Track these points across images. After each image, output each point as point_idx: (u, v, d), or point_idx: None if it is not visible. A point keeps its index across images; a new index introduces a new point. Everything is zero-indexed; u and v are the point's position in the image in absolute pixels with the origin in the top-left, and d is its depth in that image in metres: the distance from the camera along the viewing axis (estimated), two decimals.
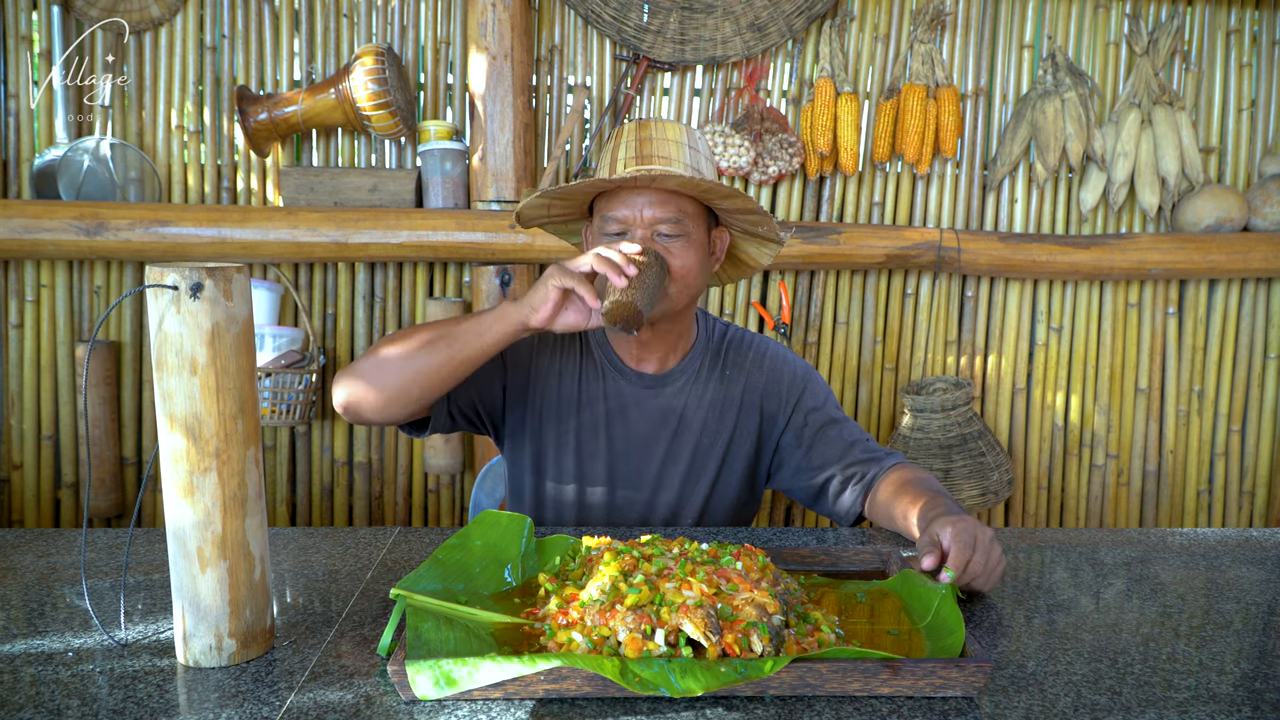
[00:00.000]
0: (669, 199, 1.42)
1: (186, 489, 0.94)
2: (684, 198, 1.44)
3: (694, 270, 1.45)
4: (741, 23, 2.62)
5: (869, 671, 0.90)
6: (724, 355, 1.60)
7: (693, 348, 1.59)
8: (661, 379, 1.57)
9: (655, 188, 1.42)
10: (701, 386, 1.57)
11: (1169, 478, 2.89)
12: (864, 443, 1.54)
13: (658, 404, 1.56)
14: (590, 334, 1.59)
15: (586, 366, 1.58)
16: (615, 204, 1.44)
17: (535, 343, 1.57)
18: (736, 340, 1.63)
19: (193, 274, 0.92)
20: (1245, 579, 1.27)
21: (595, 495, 1.57)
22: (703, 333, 1.61)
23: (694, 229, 1.45)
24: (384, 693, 0.91)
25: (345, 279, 2.67)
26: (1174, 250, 2.65)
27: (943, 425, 2.63)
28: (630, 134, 1.47)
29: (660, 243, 1.43)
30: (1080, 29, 2.76)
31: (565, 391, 1.56)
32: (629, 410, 1.56)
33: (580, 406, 1.56)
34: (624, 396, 1.56)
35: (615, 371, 1.57)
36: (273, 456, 2.69)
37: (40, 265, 2.57)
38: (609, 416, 1.56)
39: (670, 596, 0.95)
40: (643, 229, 1.42)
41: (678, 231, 1.43)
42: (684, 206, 1.43)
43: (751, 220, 1.48)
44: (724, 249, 1.55)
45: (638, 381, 1.57)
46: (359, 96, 2.42)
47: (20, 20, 2.52)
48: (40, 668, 0.96)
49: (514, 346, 1.55)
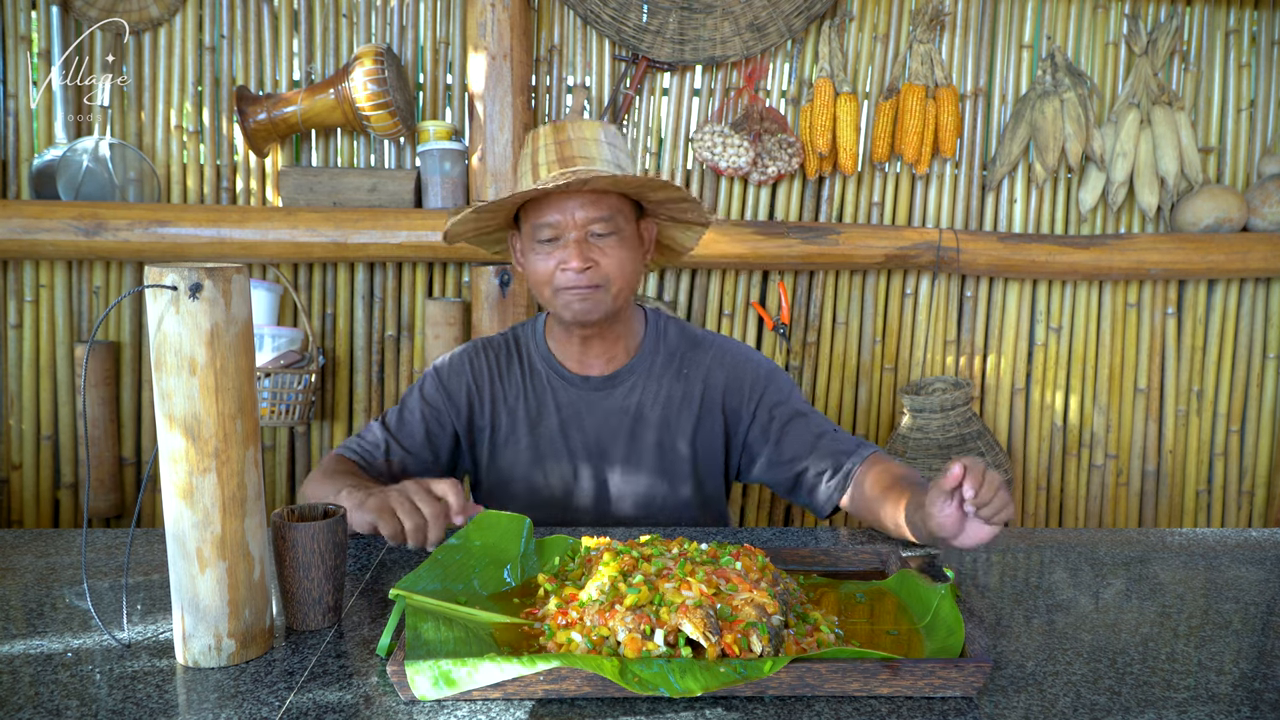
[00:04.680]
0: (599, 199, 1.42)
1: (186, 489, 0.94)
2: (613, 195, 1.44)
3: (628, 265, 1.46)
4: (741, 23, 2.62)
5: (868, 672, 0.90)
6: (680, 354, 1.60)
7: (641, 345, 1.59)
8: (610, 379, 1.57)
9: (587, 190, 1.41)
10: (656, 384, 1.57)
11: (1168, 478, 2.89)
12: (832, 434, 1.53)
13: (610, 405, 1.57)
14: (533, 352, 1.61)
15: (534, 384, 1.59)
16: (545, 210, 1.43)
17: (470, 380, 1.59)
18: (693, 339, 1.62)
19: (192, 274, 0.92)
20: (1244, 579, 1.27)
21: (564, 505, 1.58)
22: (652, 330, 1.61)
23: (625, 225, 1.46)
24: (383, 693, 0.91)
25: (344, 279, 2.67)
26: (1173, 250, 2.65)
27: (942, 425, 2.63)
28: (548, 138, 1.46)
29: (594, 243, 1.44)
30: (1079, 29, 2.77)
31: (517, 413, 1.58)
32: (582, 416, 1.57)
33: (534, 423, 1.58)
34: (575, 404, 1.57)
35: (561, 380, 1.57)
36: (272, 457, 2.69)
37: (39, 265, 2.57)
38: (564, 426, 1.57)
39: (670, 596, 0.95)
40: (576, 231, 1.42)
41: (610, 230, 1.43)
42: (614, 204, 1.44)
43: (681, 208, 1.50)
44: (653, 239, 1.56)
45: (585, 385, 1.57)
46: (358, 97, 2.42)
47: (19, 20, 2.52)
48: (39, 668, 0.96)
49: (450, 394, 1.59)
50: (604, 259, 1.44)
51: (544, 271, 1.46)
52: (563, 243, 1.44)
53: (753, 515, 2.87)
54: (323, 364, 2.58)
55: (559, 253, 1.44)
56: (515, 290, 2.53)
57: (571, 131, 1.45)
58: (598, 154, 1.44)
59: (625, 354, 1.58)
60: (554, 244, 1.44)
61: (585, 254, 1.42)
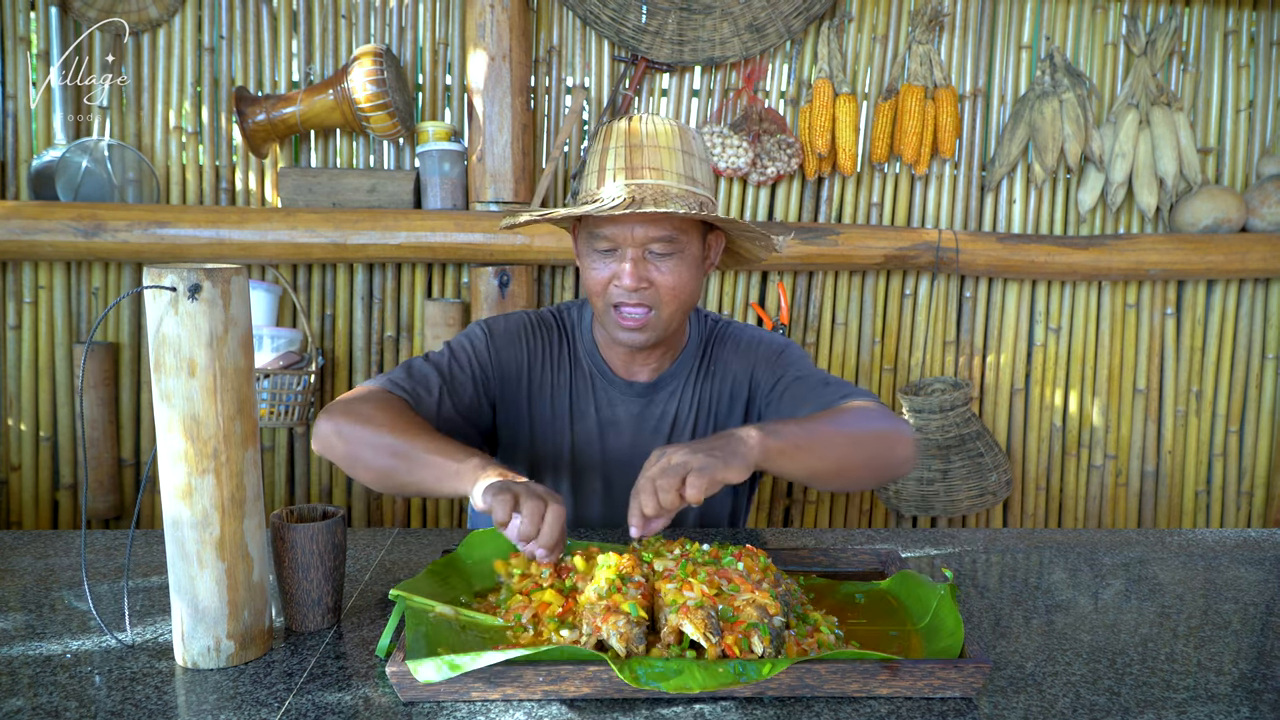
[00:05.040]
0: (662, 216, 1.34)
1: (185, 490, 0.94)
2: None
3: (686, 286, 1.40)
4: (740, 23, 2.62)
5: (868, 672, 0.90)
6: (709, 353, 1.57)
7: (683, 352, 1.56)
8: (652, 386, 1.54)
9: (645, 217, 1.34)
10: (691, 390, 1.55)
11: (1167, 478, 2.89)
12: (837, 384, 1.44)
13: (650, 413, 1.54)
14: (579, 343, 1.56)
15: (577, 378, 1.54)
16: (605, 222, 1.36)
17: (525, 356, 1.52)
18: (720, 335, 1.59)
19: (191, 275, 0.92)
20: (1243, 579, 1.27)
21: (592, 508, 1.56)
22: (695, 335, 1.57)
23: (688, 243, 1.38)
24: (383, 694, 0.91)
25: (343, 280, 2.67)
26: (1172, 251, 2.65)
27: (941, 426, 2.63)
28: (619, 139, 1.37)
29: (652, 261, 1.37)
30: (1078, 30, 2.77)
31: (559, 405, 1.54)
32: (621, 421, 1.54)
33: (574, 419, 1.54)
34: (615, 407, 1.54)
35: (606, 382, 1.54)
36: (271, 458, 2.69)
37: (38, 266, 2.57)
38: (602, 428, 1.54)
39: (671, 597, 0.95)
40: (633, 248, 1.36)
41: (670, 250, 1.36)
42: (677, 222, 1.36)
43: (748, 236, 1.44)
44: (719, 252, 1.50)
45: (628, 391, 1.53)
46: (357, 97, 2.42)
47: (19, 21, 2.52)
48: (39, 669, 0.96)
49: (502, 362, 1.50)
50: (661, 278, 1.37)
51: (597, 281, 1.40)
52: (619, 255, 1.36)
53: (753, 515, 2.86)
54: (322, 365, 2.58)
55: (614, 265, 1.37)
56: (514, 291, 2.53)
57: (645, 136, 1.35)
58: (670, 165, 1.35)
59: (670, 361, 1.54)
60: (611, 255, 1.38)
61: (641, 273, 1.36)
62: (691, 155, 1.38)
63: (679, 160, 1.36)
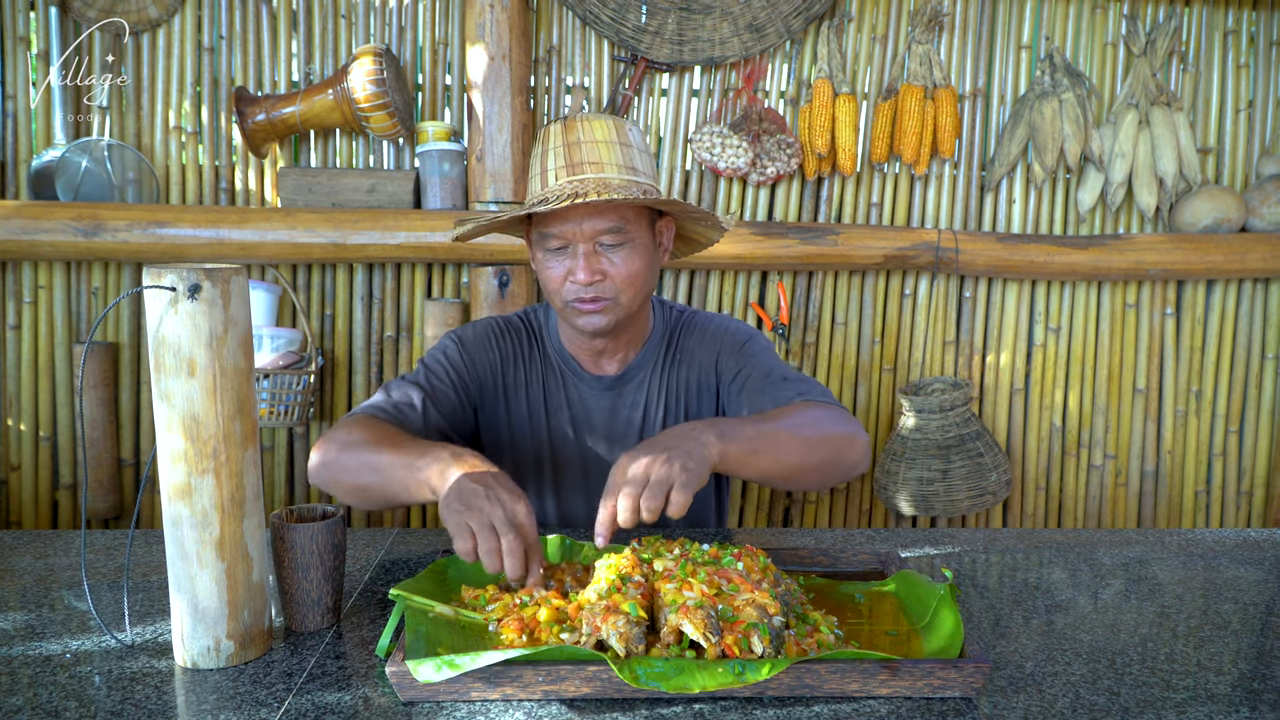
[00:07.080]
0: (608, 208, 1.37)
1: (184, 490, 0.94)
2: None
3: (640, 274, 1.42)
4: (740, 23, 2.62)
5: (867, 672, 0.90)
6: (675, 342, 1.58)
7: (647, 342, 1.57)
8: (619, 379, 1.55)
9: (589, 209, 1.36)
10: (659, 380, 1.56)
11: (1167, 478, 2.89)
12: (795, 381, 1.45)
13: (620, 404, 1.56)
14: (547, 343, 1.58)
15: (548, 376, 1.56)
16: (551, 220, 1.38)
17: (498, 360, 1.55)
18: (686, 324, 1.60)
19: (190, 275, 0.92)
20: (1243, 579, 1.27)
21: (575, 505, 1.57)
22: (659, 324, 1.58)
23: (637, 232, 1.40)
24: (382, 694, 0.91)
25: (343, 280, 2.67)
26: (1172, 251, 2.65)
27: (941, 426, 2.63)
28: (557, 139, 1.39)
29: (603, 254, 1.39)
30: (1078, 30, 2.77)
31: (533, 404, 1.56)
32: (594, 415, 1.56)
33: (549, 416, 1.56)
34: (587, 402, 1.56)
35: (576, 378, 1.56)
36: (271, 458, 2.69)
37: (38, 266, 2.57)
38: (576, 424, 1.55)
39: (671, 597, 0.95)
40: (584, 243, 1.38)
41: (620, 240, 1.38)
42: (623, 212, 1.38)
43: (693, 217, 1.46)
44: (671, 237, 1.51)
45: (597, 385, 1.55)
46: (357, 97, 2.42)
47: (18, 21, 2.52)
48: (38, 669, 0.96)
49: (476, 367, 1.53)
50: (613, 270, 1.39)
51: (554, 279, 1.42)
52: (571, 252, 1.39)
53: (752, 515, 2.87)
54: (321, 365, 2.58)
55: (568, 262, 1.40)
56: (514, 290, 2.53)
57: (582, 133, 1.38)
58: (608, 157, 1.37)
59: (634, 350, 1.56)
60: (563, 252, 1.40)
61: (594, 266, 1.38)
62: (630, 147, 1.40)
63: (617, 152, 1.38)
